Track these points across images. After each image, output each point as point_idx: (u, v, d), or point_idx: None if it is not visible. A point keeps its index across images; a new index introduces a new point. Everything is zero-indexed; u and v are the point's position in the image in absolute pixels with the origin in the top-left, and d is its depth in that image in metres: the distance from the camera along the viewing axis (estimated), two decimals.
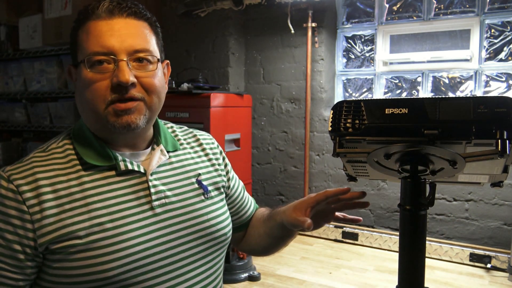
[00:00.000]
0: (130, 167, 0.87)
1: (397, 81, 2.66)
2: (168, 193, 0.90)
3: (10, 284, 0.79)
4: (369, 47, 2.72)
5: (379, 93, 2.70)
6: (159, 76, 0.87)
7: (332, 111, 0.73)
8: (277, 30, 2.79)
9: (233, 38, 2.82)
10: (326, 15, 2.67)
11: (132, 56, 0.83)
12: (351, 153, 0.73)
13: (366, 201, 0.90)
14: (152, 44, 0.86)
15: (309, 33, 2.64)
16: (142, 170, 0.88)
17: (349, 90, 2.84)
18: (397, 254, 0.71)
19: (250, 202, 1.14)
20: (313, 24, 2.63)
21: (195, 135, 1.05)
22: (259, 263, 2.23)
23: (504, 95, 0.71)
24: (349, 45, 2.79)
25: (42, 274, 0.81)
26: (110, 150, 0.87)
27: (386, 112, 0.68)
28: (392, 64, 2.63)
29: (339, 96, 2.83)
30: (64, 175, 0.83)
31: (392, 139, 0.67)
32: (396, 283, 0.72)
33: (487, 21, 2.36)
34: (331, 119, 0.73)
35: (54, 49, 2.50)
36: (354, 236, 2.54)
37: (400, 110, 0.67)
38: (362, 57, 2.75)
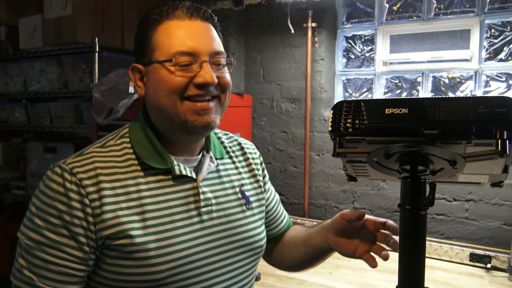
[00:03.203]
0: (184, 172, 0.88)
1: (397, 81, 2.66)
2: (214, 201, 0.92)
3: (73, 274, 0.80)
4: (369, 47, 2.72)
5: (379, 93, 2.70)
6: (230, 77, 0.91)
7: (332, 111, 0.73)
8: (277, 30, 2.79)
9: (233, 38, 2.82)
10: (326, 15, 2.67)
11: (212, 57, 0.86)
12: (351, 153, 0.73)
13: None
14: (223, 46, 0.90)
15: (309, 33, 2.64)
16: (194, 176, 0.90)
17: (349, 90, 2.84)
18: (397, 254, 0.71)
19: (284, 216, 1.15)
20: (313, 24, 2.63)
21: (239, 143, 1.06)
22: (259, 263, 2.22)
23: (504, 95, 0.71)
24: (349, 45, 2.79)
25: (96, 268, 0.83)
26: (167, 154, 0.88)
27: (386, 112, 0.68)
28: (392, 64, 2.63)
29: (339, 96, 2.83)
30: (122, 174, 0.84)
31: (392, 139, 0.67)
32: (396, 283, 0.72)
33: (487, 21, 2.36)
34: (331, 119, 0.73)
35: (54, 49, 2.49)
36: None
37: (400, 110, 0.67)
38: (362, 57, 2.75)
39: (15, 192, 2.78)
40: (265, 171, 1.10)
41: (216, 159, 0.96)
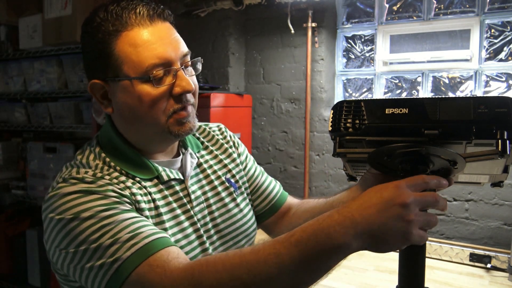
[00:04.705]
0: (171, 176, 0.87)
1: (397, 81, 2.66)
2: (203, 197, 0.91)
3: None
4: (369, 47, 2.72)
5: (379, 93, 2.70)
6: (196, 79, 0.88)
7: (332, 111, 0.73)
8: (277, 30, 2.79)
9: (233, 38, 2.82)
10: (326, 15, 2.67)
11: (182, 61, 0.82)
12: (351, 153, 0.73)
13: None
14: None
15: (309, 33, 2.64)
16: (182, 178, 0.89)
17: (349, 90, 2.84)
18: (397, 254, 0.71)
19: (273, 186, 1.08)
20: (313, 24, 2.63)
21: (204, 129, 1.05)
22: None
23: (504, 95, 0.72)
24: (349, 45, 2.79)
25: None
26: (149, 161, 0.86)
27: (386, 112, 0.68)
28: (392, 64, 2.63)
29: (339, 96, 2.83)
30: (129, 181, 0.81)
31: (392, 139, 0.67)
32: (396, 283, 0.72)
33: (487, 21, 2.36)
34: (331, 119, 0.73)
35: (54, 49, 2.49)
36: None
37: (400, 110, 0.67)
38: (362, 57, 2.75)
39: (15, 192, 2.78)
40: (240, 147, 1.06)
41: (194, 154, 0.96)
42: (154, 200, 0.82)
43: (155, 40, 0.78)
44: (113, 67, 0.80)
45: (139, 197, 0.79)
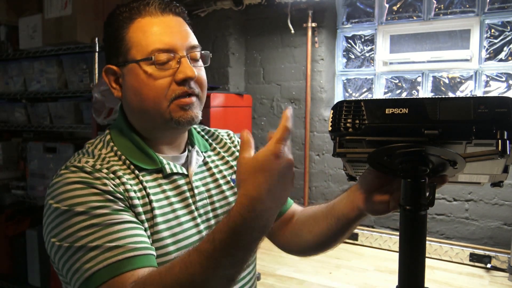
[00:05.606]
0: (174, 169, 0.88)
1: (397, 81, 2.66)
2: (207, 194, 0.91)
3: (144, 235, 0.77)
4: (369, 47, 2.72)
5: (379, 93, 2.70)
6: (205, 72, 0.90)
7: (332, 111, 0.73)
8: (277, 30, 2.79)
9: (233, 38, 2.82)
10: (326, 15, 2.67)
11: (189, 52, 0.85)
12: (351, 153, 0.73)
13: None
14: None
15: (309, 33, 2.64)
16: (185, 172, 0.90)
17: (349, 90, 2.84)
18: (397, 254, 0.71)
19: None
20: (313, 24, 2.63)
21: (213, 133, 1.06)
22: (259, 263, 2.23)
23: (504, 95, 0.72)
24: (349, 45, 2.79)
25: None
26: (155, 153, 0.88)
27: (386, 112, 0.68)
28: (392, 64, 2.63)
29: (339, 96, 2.83)
30: (127, 175, 0.83)
31: (392, 139, 0.67)
32: (396, 283, 0.72)
33: (487, 21, 2.36)
34: (331, 119, 0.72)
35: (54, 49, 2.49)
36: (354, 236, 2.54)
37: (400, 110, 0.67)
38: (362, 57, 2.75)
39: (15, 192, 2.78)
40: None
41: (201, 152, 0.96)
42: (148, 195, 0.82)
43: (162, 28, 0.84)
44: (123, 52, 0.85)
45: (132, 194, 0.80)
